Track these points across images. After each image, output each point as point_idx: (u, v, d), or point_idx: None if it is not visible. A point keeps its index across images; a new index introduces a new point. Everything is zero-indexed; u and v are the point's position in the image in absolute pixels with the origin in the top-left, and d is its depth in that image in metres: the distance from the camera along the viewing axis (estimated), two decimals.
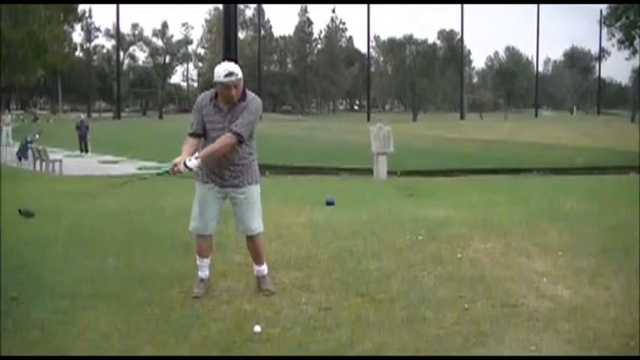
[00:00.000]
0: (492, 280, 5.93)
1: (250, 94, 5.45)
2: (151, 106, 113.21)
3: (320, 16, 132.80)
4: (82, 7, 56.37)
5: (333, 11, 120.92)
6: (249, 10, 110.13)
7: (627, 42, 43.74)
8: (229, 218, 5.92)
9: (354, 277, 6.04)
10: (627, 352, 4.42)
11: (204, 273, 5.70)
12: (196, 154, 5.31)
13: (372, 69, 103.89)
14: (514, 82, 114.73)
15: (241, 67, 5.45)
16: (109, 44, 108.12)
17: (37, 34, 29.94)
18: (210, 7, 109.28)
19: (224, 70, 5.28)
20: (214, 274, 5.91)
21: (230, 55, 19.25)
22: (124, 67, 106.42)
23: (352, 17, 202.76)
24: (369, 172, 20.77)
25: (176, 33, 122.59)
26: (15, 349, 4.43)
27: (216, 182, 5.56)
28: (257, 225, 5.68)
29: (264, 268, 5.78)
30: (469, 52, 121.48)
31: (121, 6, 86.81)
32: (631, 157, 28.38)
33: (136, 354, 4.39)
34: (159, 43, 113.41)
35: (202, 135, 5.50)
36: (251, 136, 5.53)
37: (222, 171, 5.51)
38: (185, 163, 5.23)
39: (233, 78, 5.26)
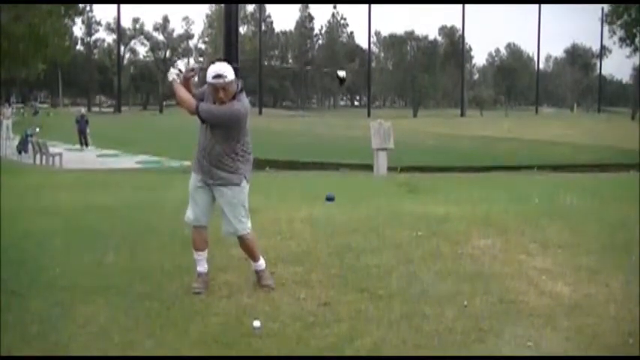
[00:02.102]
0: (492, 277, 5.93)
1: (240, 99, 5.46)
2: (151, 100, 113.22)
3: (321, 12, 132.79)
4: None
5: (334, 7, 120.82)
6: (250, 6, 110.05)
7: (628, 40, 43.78)
8: None
9: (354, 273, 6.04)
10: (626, 349, 4.43)
11: (202, 267, 5.70)
12: (180, 75, 5.60)
13: (373, 65, 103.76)
14: (515, 79, 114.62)
15: (242, 62, 5.45)
16: (109, 38, 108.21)
17: (38, 28, 29.91)
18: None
19: (214, 71, 5.33)
20: (214, 268, 5.91)
21: (231, 50, 19.19)
22: (125, 61, 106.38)
23: (353, 13, 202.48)
24: (369, 167, 20.74)
25: (177, 27, 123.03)
26: (15, 343, 4.43)
27: (200, 171, 5.63)
28: (243, 226, 5.67)
29: (261, 264, 5.79)
30: (470, 49, 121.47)
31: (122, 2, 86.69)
32: (631, 154, 28.37)
33: (135, 348, 4.39)
34: (160, 37, 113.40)
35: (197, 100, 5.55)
36: (237, 140, 5.52)
37: (208, 167, 5.56)
38: (175, 67, 5.52)
39: (220, 80, 5.30)
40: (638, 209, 8.64)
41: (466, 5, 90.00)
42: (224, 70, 5.35)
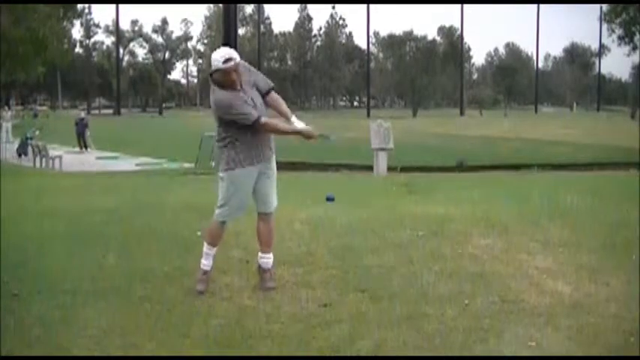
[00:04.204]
0: (492, 276, 5.93)
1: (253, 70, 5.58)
2: (150, 102, 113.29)
3: (319, 13, 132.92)
4: (80, 4, 56.20)
5: (333, 7, 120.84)
6: (249, 7, 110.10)
7: (627, 38, 43.67)
8: None
9: (354, 274, 6.04)
10: (627, 348, 4.42)
11: (209, 263, 5.63)
12: (292, 118, 5.56)
13: (372, 65, 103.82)
14: (514, 79, 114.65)
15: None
16: (108, 41, 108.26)
17: (37, 31, 29.92)
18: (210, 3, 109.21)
19: (221, 56, 5.24)
20: (214, 270, 5.90)
21: None
22: (124, 63, 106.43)
23: (352, 13, 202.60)
24: (369, 168, 20.77)
25: (176, 29, 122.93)
26: (16, 346, 4.43)
27: (256, 160, 5.53)
28: (276, 201, 5.77)
29: (271, 256, 5.76)
30: (469, 49, 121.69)
31: (121, 3, 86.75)
32: (631, 153, 28.33)
33: (136, 350, 4.39)
34: (158, 39, 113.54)
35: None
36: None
37: (261, 150, 5.54)
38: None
39: (232, 63, 5.23)
40: (639, 208, 8.64)
41: (465, 5, 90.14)
42: (231, 52, 5.29)
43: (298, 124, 5.57)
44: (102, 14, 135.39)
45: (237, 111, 5.34)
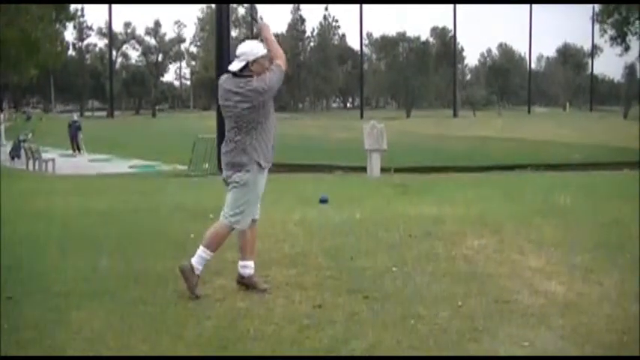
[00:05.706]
0: (486, 277, 5.94)
1: None
2: (144, 104, 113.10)
3: (312, 14, 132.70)
4: (73, 6, 56.00)
5: (326, 9, 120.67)
6: (242, 8, 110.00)
7: (619, 38, 43.80)
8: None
9: (348, 275, 6.04)
10: (621, 347, 4.43)
11: (201, 268, 5.54)
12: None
13: (365, 66, 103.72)
14: (507, 79, 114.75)
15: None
16: (101, 43, 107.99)
17: (30, 33, 29.88)
18: (203, 5, 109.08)
19: (257, 44, 5.57)
20: (208, 272, 5.89)
21: (222, 53, 19.28)
22: (117, 65, 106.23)
23: (345, 15, 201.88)
24: (362, 169, 20.74)
25: (169, 31, 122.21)
26: (10, 348, 4.42)
27: (269, 161, 5.56)
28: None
29: (252, 264, 5.71)
30: (462, 49, 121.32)
31: (114, 4, 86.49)
32: (624, 153, 28.39)
33: (130, 352, 4.38)
34: (151, 41, 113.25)
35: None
36: None
37: (271, 144, 5.56)
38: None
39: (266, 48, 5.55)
40: (634, 207, 8.66)
41: (457, 6, 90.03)
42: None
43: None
44: (95, 17, 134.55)
45: (273, 73, 5.49)
